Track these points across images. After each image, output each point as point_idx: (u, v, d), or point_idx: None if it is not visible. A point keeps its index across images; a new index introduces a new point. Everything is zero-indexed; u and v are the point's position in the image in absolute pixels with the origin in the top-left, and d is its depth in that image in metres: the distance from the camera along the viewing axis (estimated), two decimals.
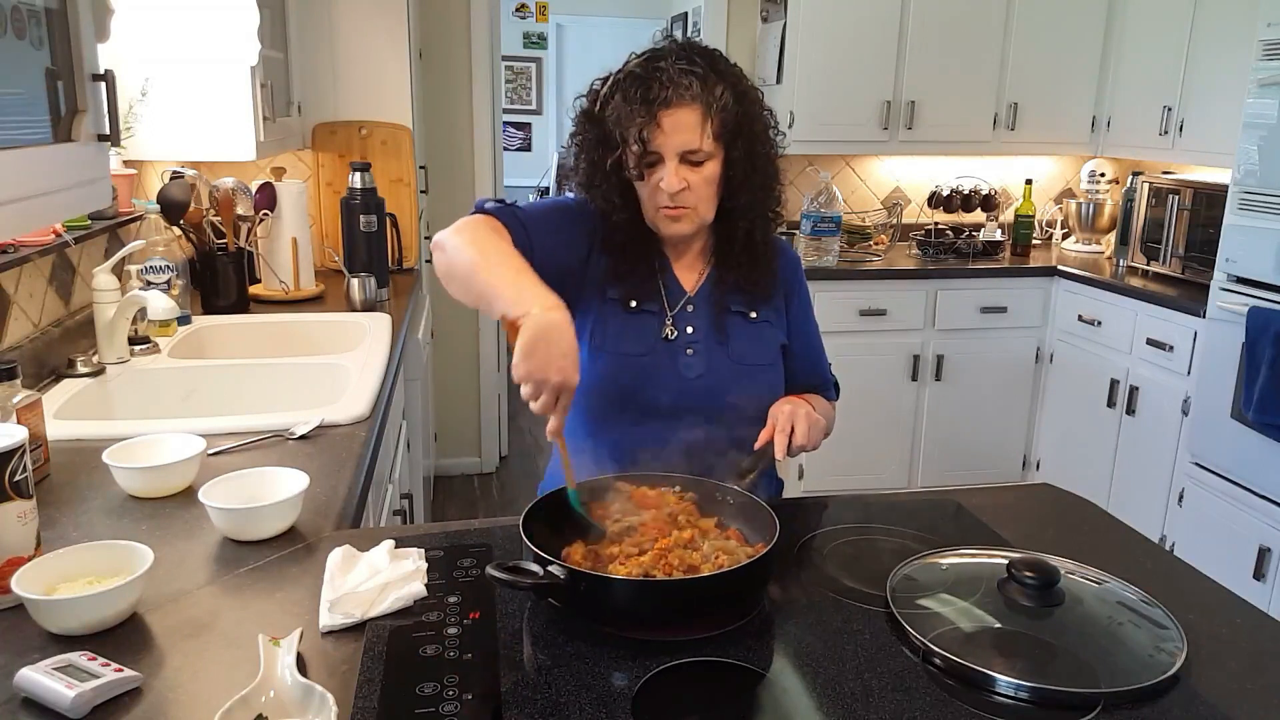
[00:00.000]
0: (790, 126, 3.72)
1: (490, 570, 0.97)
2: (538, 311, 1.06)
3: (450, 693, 0.87)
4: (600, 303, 1.41)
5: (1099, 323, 3.47)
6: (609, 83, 1.35)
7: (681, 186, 1.31)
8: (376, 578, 1.03)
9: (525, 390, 1.07)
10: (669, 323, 1.41)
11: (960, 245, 3.84)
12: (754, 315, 1.44)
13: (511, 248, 1.21)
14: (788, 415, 1.32)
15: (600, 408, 1.39)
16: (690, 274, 1.45)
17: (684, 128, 1.29)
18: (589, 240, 1.41)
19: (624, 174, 1.35)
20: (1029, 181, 3.98)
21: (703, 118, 1.29)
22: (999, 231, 4.03)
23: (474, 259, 1.17)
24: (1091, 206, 3.97)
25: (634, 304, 1.40)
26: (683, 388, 1.38)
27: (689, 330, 1.41)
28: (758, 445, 1.31)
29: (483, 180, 3.87)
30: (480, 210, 1.32)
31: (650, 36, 1.39)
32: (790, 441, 1.30)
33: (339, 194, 2.87)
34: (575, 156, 1.40)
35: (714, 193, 1.35)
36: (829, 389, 1.57)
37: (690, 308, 1.43)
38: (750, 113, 1.34)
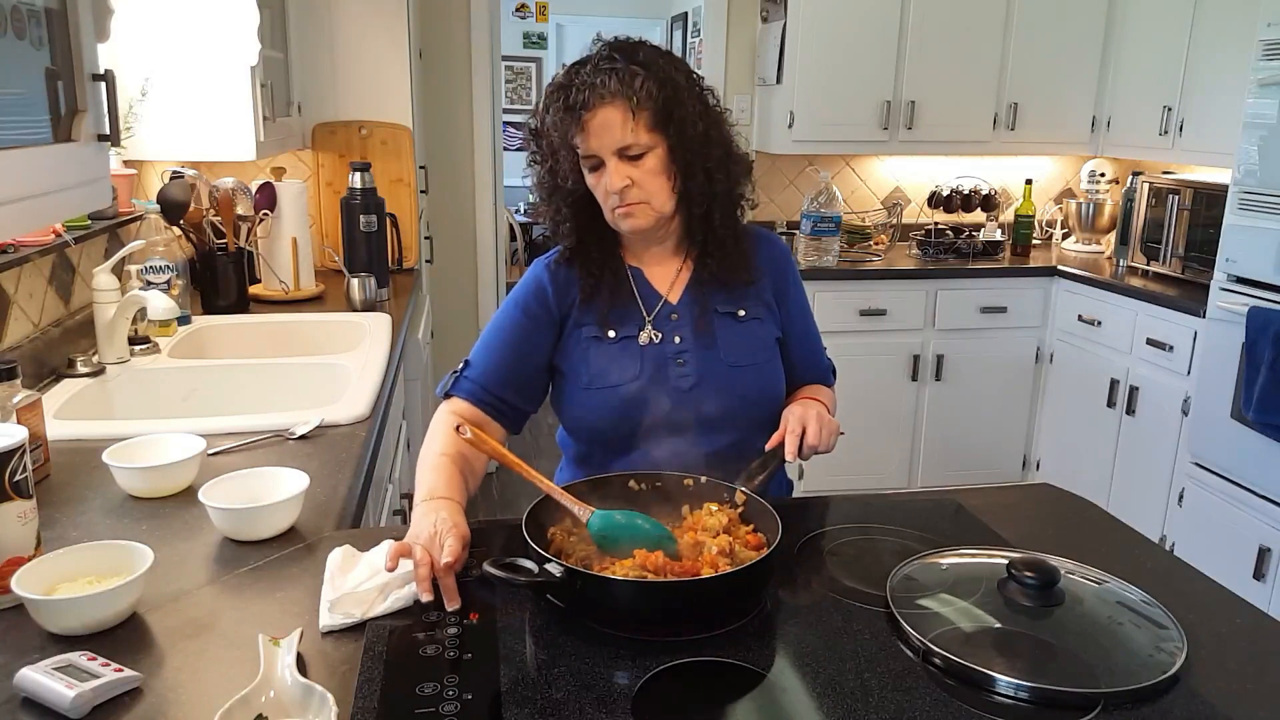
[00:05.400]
0: (790, 126, 3.72)
1: (486, 566, 0.98)
2: (419, 500, 1.22)
3: (450, 693, 0.87)
4: (582, 340, 1.39)
5: (1099, 323, 3.47)
6: (545, 96, 1.36)
7: (624, 184, 1.30)
8: (376, 578, 1.03)
9: (393, 553, 1.05)
10: (649, 328, 1.39)
11: (960, 245, 3.84)
12: (742, 313, 1.42)
13: (439, 445, 1.32)
14: (798, 417, 1.32)
15: (603, 439, 1.39)
16: (665, 277, 1.44)
17: (610, 127, 1.29)
18: (559, 305, 1.40)
19: (574, 186, 1.35)
20: (1029, 181, 3.98)
21: (625, 113, 1.28)
22: (999, 231, 4.03)
23: (419, 465, 1.32)
24: (1091, 206, 3.97)
25: (613, 334, 1.39)
26: (679, 400, 1.36)
27: (676, 340, 1.39)
28: (768, 447, 1.31)
29: (483, 180, 3.87)
30: (444, 396, 1.42)
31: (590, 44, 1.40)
32: (802, 443, 1.29)
33: (339, 194, 2.87)
34: (532, 172, 1.41)
35: (664, 183, 1.33)
36: (827, 375, 1.56)
37: (674, 316, 1.41)
38: (676, 96, 1.32)
